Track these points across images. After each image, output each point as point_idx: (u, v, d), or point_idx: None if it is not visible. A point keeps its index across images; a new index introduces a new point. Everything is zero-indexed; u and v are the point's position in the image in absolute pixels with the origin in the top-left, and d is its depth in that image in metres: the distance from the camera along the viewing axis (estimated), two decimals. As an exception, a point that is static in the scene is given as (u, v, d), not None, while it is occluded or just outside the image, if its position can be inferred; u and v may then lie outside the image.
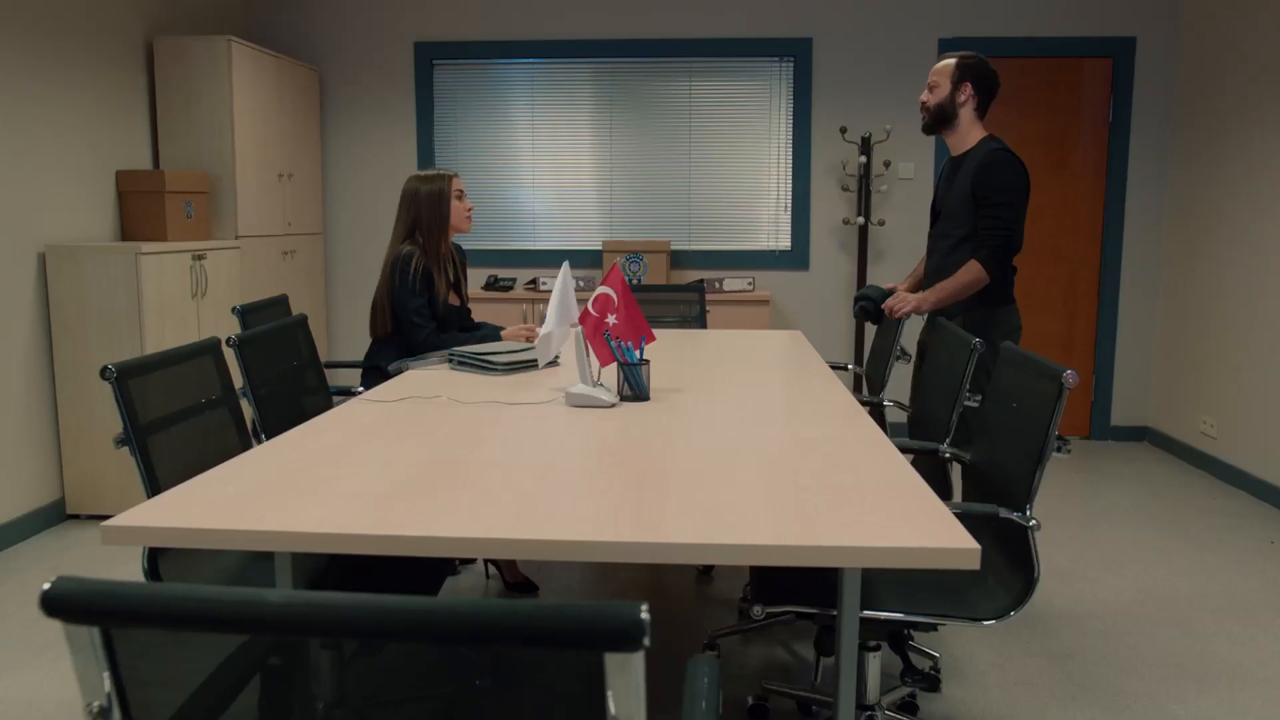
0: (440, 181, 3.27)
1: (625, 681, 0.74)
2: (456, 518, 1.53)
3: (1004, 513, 1.87)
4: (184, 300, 4.14)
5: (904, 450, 2.51)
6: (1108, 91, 5.27)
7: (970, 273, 2.97)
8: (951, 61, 3.07)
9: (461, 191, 3.32)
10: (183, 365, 2.15)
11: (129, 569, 3.52)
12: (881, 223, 5.32)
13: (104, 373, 1.85)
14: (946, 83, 3.05)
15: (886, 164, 5.34)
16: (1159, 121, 5.25)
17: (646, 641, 0.71)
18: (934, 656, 2.67)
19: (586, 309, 2.52)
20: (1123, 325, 5.42)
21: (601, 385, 2.42)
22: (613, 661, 0.73)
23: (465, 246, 5.61)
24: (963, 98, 3.04)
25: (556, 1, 5.39)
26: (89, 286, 3.87)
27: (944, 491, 2.47)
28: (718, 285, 5.29)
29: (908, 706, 2.45)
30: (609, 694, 0.74)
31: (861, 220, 5.24)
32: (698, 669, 1.16)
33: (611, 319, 2.51)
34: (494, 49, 5.45)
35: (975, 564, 1.36)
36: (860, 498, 1.62)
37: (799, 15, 5.32)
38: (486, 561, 3.50)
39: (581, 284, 5.42)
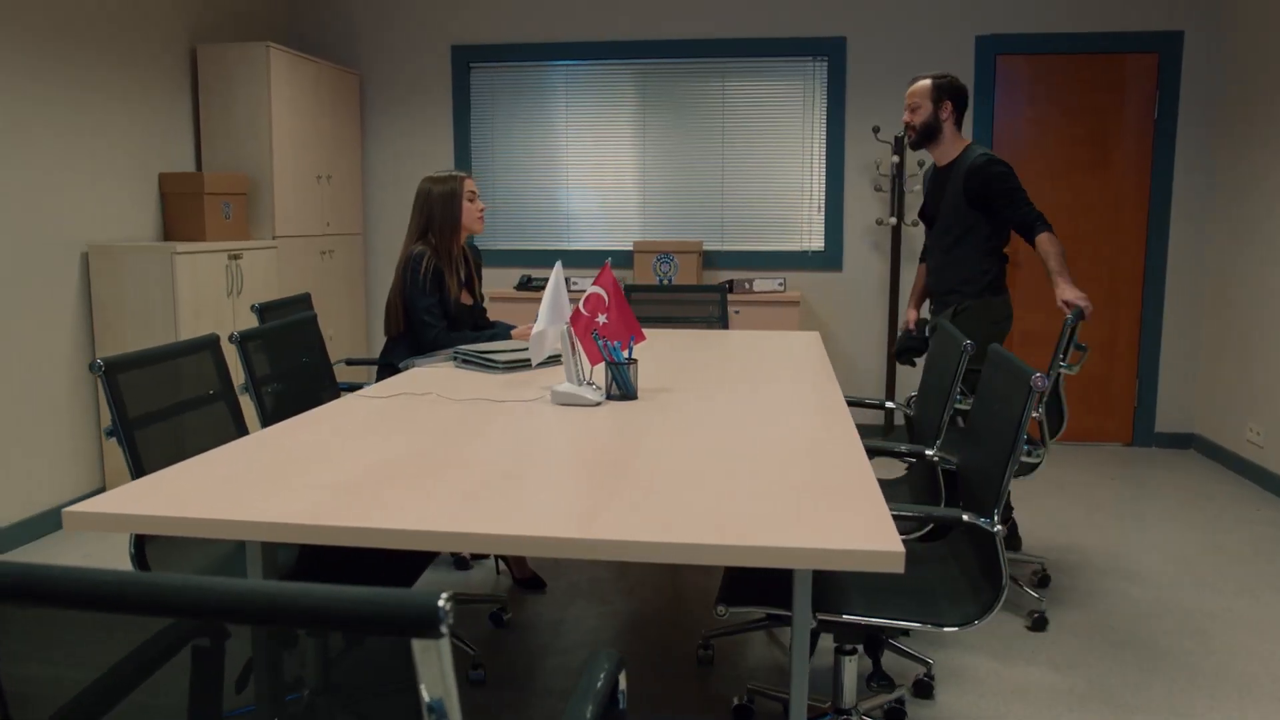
0: (452, 183, 3.33)
1: (434, 668, 0.76)
2: (420, 511, 1.56)
3: (969, 518, 1.85)
4: (219, 299, 4.28)
5: (894, 454, 2.49)
6: (1153, 88, 5.12)
7: (1050, 244, 3.22)
8: (927, 83, 3.36)
9: (474, 193, 3.37)
10: (178, 361, 2.23)
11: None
12: (915, 223, 5.25)
13: (92, 367, 1.93)
14: (928, 103, 3.36)
15: (920, 164, 5.27)
16: (1206, 119, 5.08)
17: (445, 630, 0.73)
18: (928, 663, 2.64)
19: (578, 308, 2.55)
20: (1167, 329, 5.25)
21: (590, 384, 2.45)
22: (419, 648, 0.75)
23: (500, 247, 5.69)
24: (944, 114, 3.36)
25: (591, 4, 5.43)
26: (128, 285, 4.03)
27: (934, 496, 2.44)
28: (748, 286, 5.28)
29: (894, 712, 2.43)
30: (420, 681, 0.76)
31: (894, 220, 5.18)
32: (597, 662, 1.18)
33: (602, 319, 2.54)
34: (529, 51, 5.52)
35: (899, 567, 1.35)
36: (811, 499, 1.61)
37: (833, 14, 5.28)
38: (497, 558, 3.55)
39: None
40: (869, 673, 2.57)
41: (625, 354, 2.48)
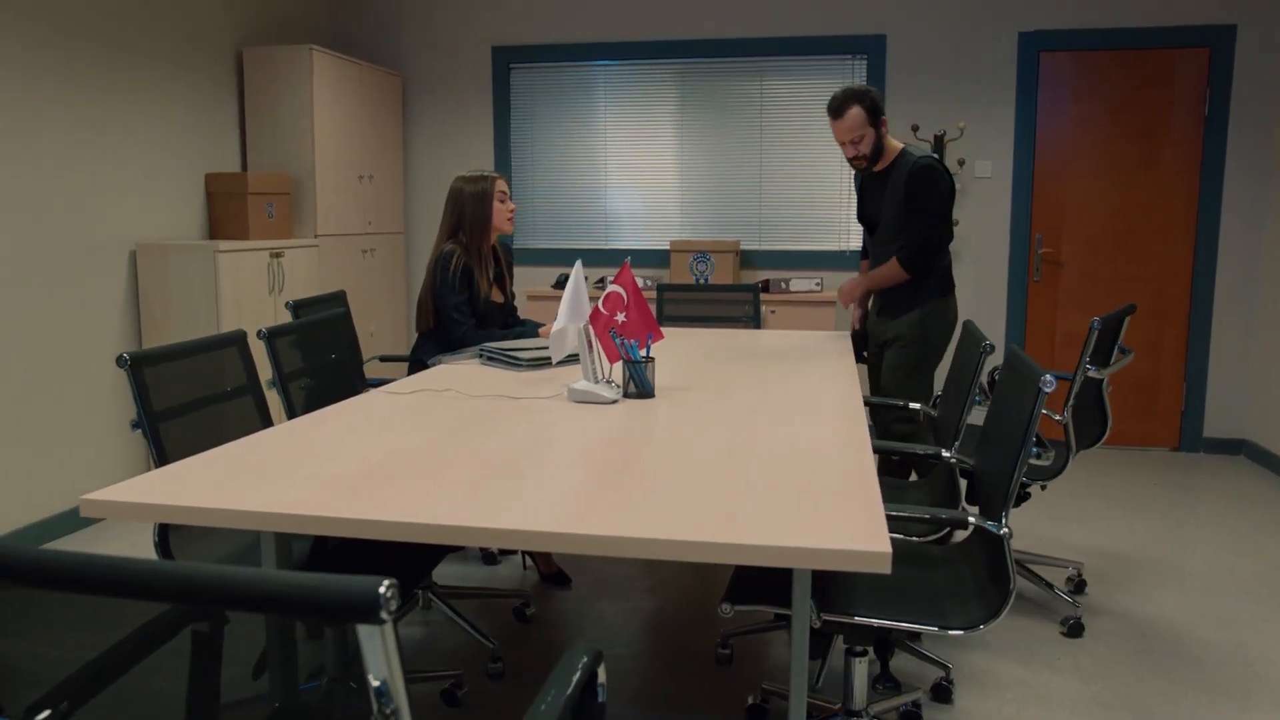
0: (483, 183, 3.37)
1: (379, 652, 0.78)
2: (425, 505, 1.59)
3: (975, 520, 1.83)
4: (261, 296, 4.38)
5: (909, 456, 2.47)
6: (1203, 85, 4.99)
7: (890, 268, 3.39)
8: (858, 112, 3.27)
9: (505, 193, 3.41)
10: (205, 356, 2.30)
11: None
12: (956, 222, 5.18)
13: (119, 360, 2.00)
14: (868, 129, 3.30)
15: (961, 162, 5.20)
16: (1259, 116, 4.94)
17: (386, 616, 0.75)
18: (947, 666, 2.61)
19: (597, 307, 2.57)
20: (1217, 331, 5.12)
21: (609, 382, 2.46)
22: (364, 633, 0.77)
23: (539, 246, 5.74)
24: (884, 129, 3.35)
25: (630, 4, 5.46)
26: (173, 282, 4.15)
27: (952, 498, 2.41)
28: (784, 286, 5.25)
29: (910, 715, 2.41)
30: (367, 666, 0.79)
31: (934, 220, 5.11)
32: (574, 657, 1.19)
33: (621, 317, 2.55)
34: (569, 52, 5.56)
35: (885, 568, 1.34)
36: (810, 499, 1.61)
37: (873, 12, 5.23)
38: (524, 553, 3.59)
39: (647, 284, 5.47)
40: (875, 674, 2.55)
41: (643, 352, 2.50)
